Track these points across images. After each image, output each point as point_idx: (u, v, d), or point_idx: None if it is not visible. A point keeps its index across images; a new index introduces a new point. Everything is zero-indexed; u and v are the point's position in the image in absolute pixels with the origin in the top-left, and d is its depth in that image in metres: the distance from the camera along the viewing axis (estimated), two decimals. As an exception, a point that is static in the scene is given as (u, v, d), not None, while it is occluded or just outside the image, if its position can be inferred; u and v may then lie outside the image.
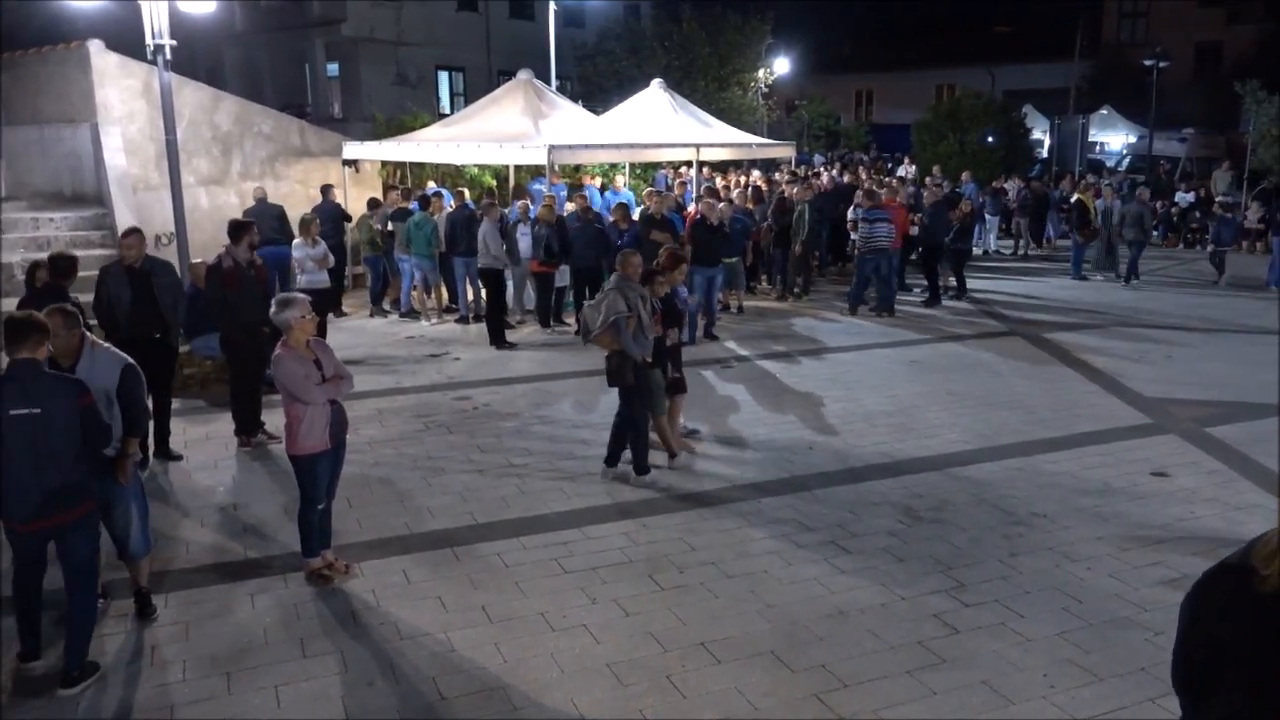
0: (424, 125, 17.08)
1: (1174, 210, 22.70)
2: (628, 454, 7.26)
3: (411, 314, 13.49)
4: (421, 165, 16.51)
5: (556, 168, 14.72)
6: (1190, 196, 23.21)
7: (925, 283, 14.76)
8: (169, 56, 9.99)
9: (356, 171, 15.65)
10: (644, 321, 7.00)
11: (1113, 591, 5.41)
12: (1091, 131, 31.45)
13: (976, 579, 5.59)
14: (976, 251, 18.96)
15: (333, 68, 28.36)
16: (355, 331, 12.61)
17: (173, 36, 10.01)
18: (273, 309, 5.50)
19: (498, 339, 11.71)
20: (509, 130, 14.24)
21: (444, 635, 4.97)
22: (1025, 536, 6.19)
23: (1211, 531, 6.25)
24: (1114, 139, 33.84)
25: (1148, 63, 29.25)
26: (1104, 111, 32.55)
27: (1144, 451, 7.84)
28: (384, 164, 16.56)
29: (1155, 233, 20.54)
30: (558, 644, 4.89)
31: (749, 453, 7.88)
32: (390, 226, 13.36)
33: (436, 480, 7.24)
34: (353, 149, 15.45)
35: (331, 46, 27.50)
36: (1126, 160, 31.24)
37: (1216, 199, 23.11)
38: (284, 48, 28.00)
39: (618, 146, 15.30)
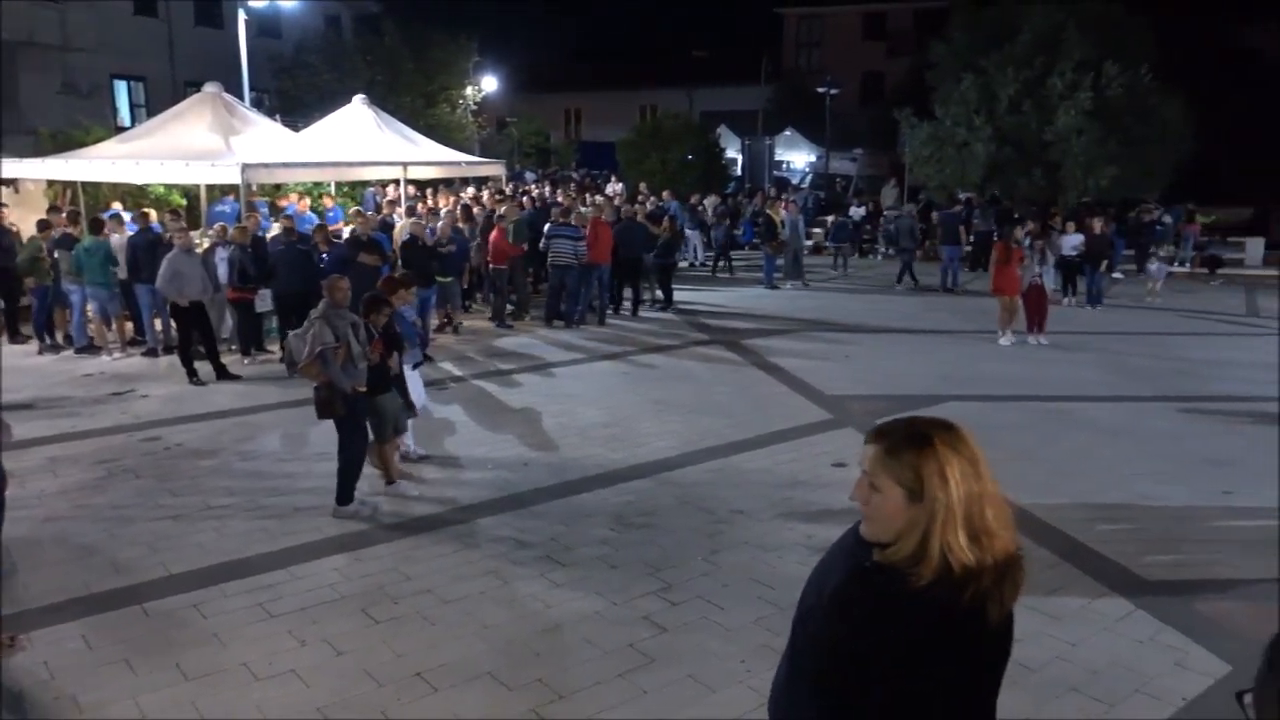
0: (98, 140, 15.56)
1: (849, 222, 25.16)
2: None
3: (90, 349, 12.22)
4: (98, 185, 15.02)
5: (254, 187, 13.95)
6: (862, 210, 25.84)
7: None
8: None
9: (16, 192, 14.03)
10: (354, 351, 6.82)
11: (801, 577, 5.73)
12: (778, 151, 34.27)
13: (682, 578, 5.93)
14: (682, 265, 20.04)
15: (-17, 74, 25.08)
16: (21, 371, 11.24)
17: None
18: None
19: (220, 370, 11.05)
20: (197, 147, 13.31)
21: (132, 701, 4.57)
22: (725, 533, 6.65)
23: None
24: (797, 158, 37.05)
25: (821, 89, 32.37)
26: (788, 133, 35.59)
27: (826, 445, 8.65)
28: (51, 183, 14.90)
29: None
30: (264, 694, 4.65)
31: (466, 473, 7.88)
32: (56, 254, 11.97)
33: (122, 531, 6.63)
34: (10, 166, 13.79)
35: (-19, 50, 24.33)
36: (809, 177, 34.30)
37: (885, 211, 25.94)
38: (-80, 50, 24.42)
39: (320, 165, 14.76)
